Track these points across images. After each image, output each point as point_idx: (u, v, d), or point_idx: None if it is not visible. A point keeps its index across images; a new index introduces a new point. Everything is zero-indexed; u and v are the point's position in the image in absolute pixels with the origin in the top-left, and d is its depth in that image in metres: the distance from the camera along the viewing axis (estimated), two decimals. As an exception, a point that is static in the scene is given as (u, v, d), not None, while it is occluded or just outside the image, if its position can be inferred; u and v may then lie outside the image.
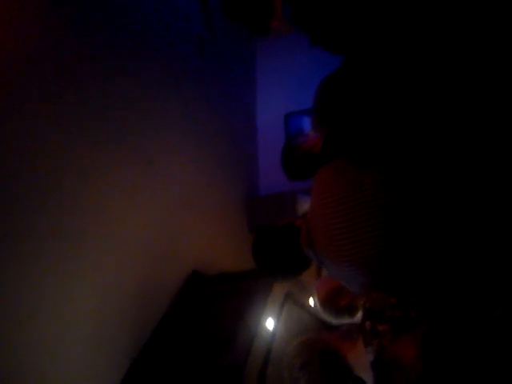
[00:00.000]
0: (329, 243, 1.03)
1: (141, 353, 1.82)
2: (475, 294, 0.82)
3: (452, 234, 0.91)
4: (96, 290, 1.66)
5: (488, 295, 0.80)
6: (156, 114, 2.27)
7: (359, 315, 1.32)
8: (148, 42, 2.28)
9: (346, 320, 1.42)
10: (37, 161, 1.49)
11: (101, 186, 1.77)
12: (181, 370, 1.83)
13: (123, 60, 2.03)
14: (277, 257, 1.21)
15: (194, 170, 2.64)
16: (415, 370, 0.76)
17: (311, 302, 2.35)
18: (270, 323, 2.07)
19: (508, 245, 0.86)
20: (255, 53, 4.02)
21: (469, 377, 0.74)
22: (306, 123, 3.28)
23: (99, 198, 1.75)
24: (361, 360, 1.00)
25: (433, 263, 0.93)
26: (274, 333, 2.03)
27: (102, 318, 1.68)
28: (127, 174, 1.95)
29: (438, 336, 0.79)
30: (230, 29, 3.55)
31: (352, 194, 1.00)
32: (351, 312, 1.38)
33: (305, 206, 2.80)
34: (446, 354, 0.76)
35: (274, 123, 3.57)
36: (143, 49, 2.22)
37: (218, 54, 3.24)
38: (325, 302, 1.44)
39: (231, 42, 3.58)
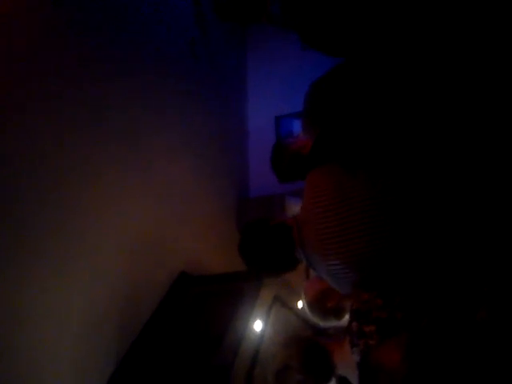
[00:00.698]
0: (320, 242, 1.04)
1: (128, 352, 1.81)
2: (458, 296, 0.84)
3: (442, 234, 0.93)
4: (85, 289, 1.66)
5: (470, 298, 0.82)
6: (152, 115, 2.27)
7: (346, 317, 1.33)
8: (145, 42, 2.28)
9: (333, 322, 1.43)
10: (36, 161, 1.49)
11: (102, 188, 1.77)
12: (168, 370, 1.82)
13: (120, 61, 2.03)
14: (265, 254, 1.21)
15: (184, 171, 2.64)
16: (400, 373, 0.77)
17: (299, 304, 2.36)
18: (258, 325, 2.07)
19: (494, 247, 0.88)
20: (246, 56, 4.03)
21: (452, 380, 0.75)
22: (297, 125, 3.30)
23: (100, 199, 1.75)
24: (347, 360, 1.01)
25: (422, 262, 0.94)
26: (261, 334, 2.03)
27: (90, 314, 1.67)
28: (115, 173, 1.94)
29: (422, 340, 0.80)
30: (221, 31, 3.56)
31: (344, 194, 1.01)
32: (338, 314, 1.40)
33: (294, 208, 2.82)
34: (430, 357, 0.77)
35: (265, 125, 3.58)
36: (139, 50, 2.22)
37: (210, 56, 3.24)
38: (312, 303, 1.45)
39: (223, 44, 3.59)
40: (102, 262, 1.78)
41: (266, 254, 1.21)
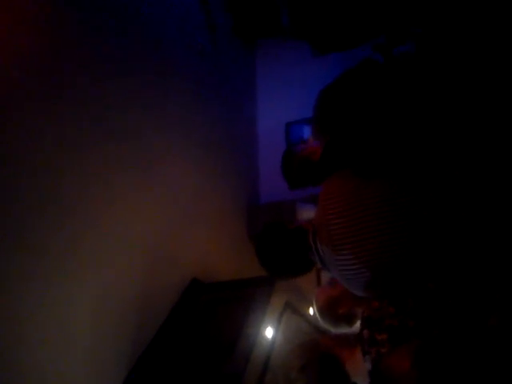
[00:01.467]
0: (335, 243, 1.05)
1: (139, 360, 1.82)
2: (470, 302, 0.83)
3: (460, 241, 0.93)
4: (95, 295, 1.67)
5: (482, 304, 0.81)
6: (157, 118, 2.29)
7: (357, 324, 1.32)
8: (149, 41, 2.31)
9: (344, 329, 1.42)
10: (36, 161, 1.50)
11: (101, 188, 1.78)
12: (180, 379, 1.82)
13: (123, 61, 2.05)
14: (281, 255, 1.23)
15: (195, 176, 2.65)
16: (410, 381, 0.77)
17: (311, 311, 2.34)
18: (269, 332, 2.06)
19: (508, 253, 0.88)
20: (256, 62, 4.06)
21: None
22: (307, 132, 3.30)
23: (100, 200, 1.76)
24: (359, 368, 1.00)
25: (436, 268, 0.94)
26: (273, 341, 2.02)
27: (101, 323, 1.68)
28: (128, 177, 1.96)
29: (432, 347, 0.79)
30: (231, 37, 3.60)
31: (359, 199, 1.02)
32: (350, 321, 1.39)
33: (304, 214, 2.81)
34: (441, 365, 0.76)
35: (275, 132, 3.59)
36: (142, 49, 2.24)
37: (219, 62, 3.28)
38: (323, 310, 1.44)
39: (233, 51, 3.62)
40: (113, 272, 1.79)
41: (282, 255, 1.23)
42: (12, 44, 1.47)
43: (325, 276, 2.52)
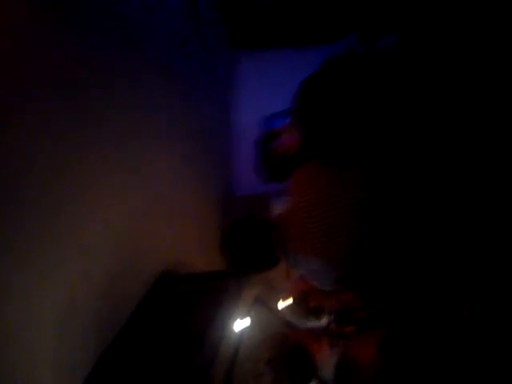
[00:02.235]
0: (302, 238, 1.04)
1: (104, 354, 1.78)
2: (443, 293, 0.84)
3: (432, 235, 0.93)
4: (60, 290, 1.61)
5: (456, 295, 0.82)
6: (130, 109, 2.22)
7: (326, 318, 1.33)
8: (127, 34, 2.24)
9: (313, 323, 1.43)
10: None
11: (68, 181, 1.71)
12: (147, 372, 1.80)
13: (107, 56, 1.98)
14: (246, 251, 1.22)
15: (168, 168, 2.60)
16: (373, 369, 0.77)
17: (280, 304, 2.35)
18: (238, 325, 2.06)
19: (479, 246, 0.89)
20: (238, 54, 4.02)
21: (427, 377, 0.75)
22: (284, 124, 3.29)
23: (63, 193, 1.69)
24: (327, 361, 1.00)
25: (407, 261, 0.94)
26: (242, 334, 2.02)
27: (68, 318, 1.63)
28: (95, 166, 1.89)
29: (397, 336, 0.80)
30: (214, 30, 3.54)
31: (330, 192, 1.01)
32: (319, 314, 1.39)
33: (279, 207, 2.81)
34: (405, 354, 0.77)
35: (252, 124, 3.57)
36: (122, 43, 2.17)
37: (200, 55, 3.22)
38: (293, 304, 1.45)
39: (214, 44, 3.57)
40: (81, 267, 1.73)
41: (246, 251, 1.21)
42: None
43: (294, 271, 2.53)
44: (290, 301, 1.47)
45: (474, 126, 0.94)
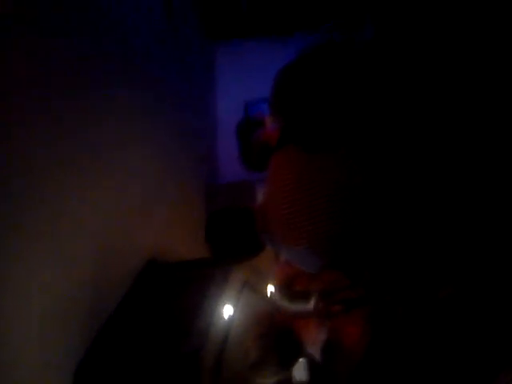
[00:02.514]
0: (284, 224, 1.03)
1: (92, 344, 1.77)
2: (421, 273, 0.85)
3: (413, 216, 0.94)
4: (47, 284, 1.59)
5: (433, 276, 0.83)
6: (107, 103, 2.16)
7: (313, 300, 1.35)
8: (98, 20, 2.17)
9: (301, 305, 1.44)
10: None
11: (46, 173, 1.67)
12: (136, 360, 1.80)
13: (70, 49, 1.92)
14: (229, 239, 1.22)
15: (151, 156, 2.57)
16: (361, 346, 0.79)
17: (269, 288, 2.37)
18: (227, 310, 2.07)
19: (462, 229, 0.91)
20: (216, 45, 3.96)
21: (410, 359, 0.77)
22: (266, 110, 3.28)
23: (43, 187, 1.66)
24: (313, 340, 1.02)
25: (390, 243, 0.95)
26: (231, 320, 2.03)
27: (54, 312, 1.61)
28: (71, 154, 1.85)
29: (381, 316, 0.81)
30: (190, 18, 3.47)
31: (310, 177, 1.00)
32: (306, 297, 1.41)
33: (263, 193, 2.81)
34: (391, 331, 0.78)
35: (234, 110, 3.55)
36: (93, 32, 2.11)
37: (177, 44, 3.16)
38: (281, 287, 1.45)
39: (190, 32, 3.50)
40: (66, 258, 1.71)
41: (229, 240, 1.21)
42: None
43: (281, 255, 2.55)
44: (272, 286, 1.48)
45: (456, 111, 0.95)
